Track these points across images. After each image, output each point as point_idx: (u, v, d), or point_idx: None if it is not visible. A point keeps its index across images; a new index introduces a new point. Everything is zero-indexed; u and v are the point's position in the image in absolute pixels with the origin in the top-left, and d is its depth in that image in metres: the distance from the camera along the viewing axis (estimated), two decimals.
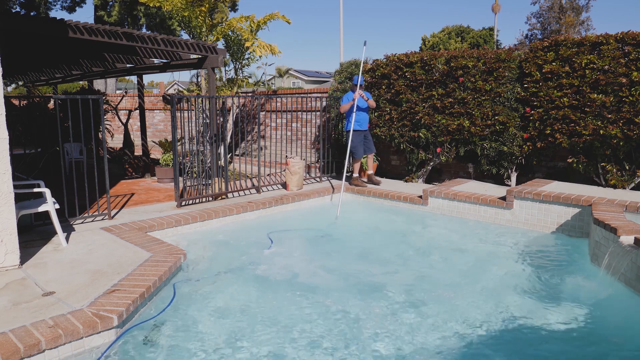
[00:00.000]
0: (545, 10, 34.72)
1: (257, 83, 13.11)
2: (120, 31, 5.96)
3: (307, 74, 51.77)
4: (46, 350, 2.81)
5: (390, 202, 7.25)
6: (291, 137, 11.24)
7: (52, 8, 22.60)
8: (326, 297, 3.99)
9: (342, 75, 9.34)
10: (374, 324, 3.50)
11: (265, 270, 4.63)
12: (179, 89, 30.30)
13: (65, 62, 9.65)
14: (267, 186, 7.79)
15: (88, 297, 3.39)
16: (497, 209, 6.23)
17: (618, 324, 3.68)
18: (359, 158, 7.80)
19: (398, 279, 4.47)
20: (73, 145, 9.16)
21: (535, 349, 3.23)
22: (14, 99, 9.04)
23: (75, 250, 4.48)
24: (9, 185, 3.89)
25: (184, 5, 9.88)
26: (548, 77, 6.79)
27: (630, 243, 4.09)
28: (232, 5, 20.96)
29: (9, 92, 26.95)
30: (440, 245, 5.56)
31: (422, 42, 44.93)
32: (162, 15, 20.21)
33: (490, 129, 7.31)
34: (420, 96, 7.95)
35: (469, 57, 7.48)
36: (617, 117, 6.17)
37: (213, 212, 5.97)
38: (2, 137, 3.82)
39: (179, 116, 6.58)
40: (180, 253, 4.40)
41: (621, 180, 6.38)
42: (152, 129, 14.89)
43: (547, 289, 4.22)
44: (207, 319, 3.55)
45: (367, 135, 7.76)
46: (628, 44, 6.16)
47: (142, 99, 9.90)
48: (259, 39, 10.20)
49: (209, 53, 7.16)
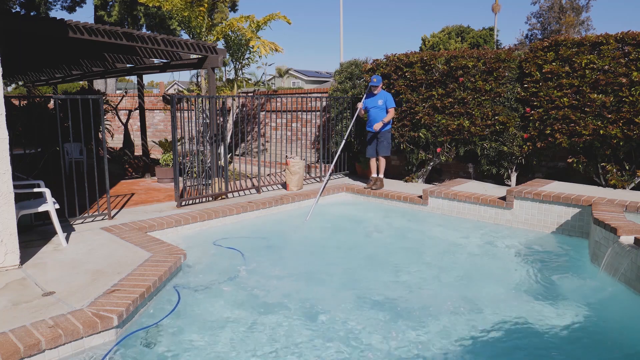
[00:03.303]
0: (545, 10, 34.76)
1: (257, 83, 13.12)
2: (120, 31, 5.96)
3: (307, 74, 51.77)
4: (46, 350, 2.81)
5: (390, 202, 7.25)
6: (291, 137, 11.25)
7: (52, 8, 22.62)
8: (330, 295, 4.00)
9: (342, 76, 9.33)
10: (373, 324, 3.50)
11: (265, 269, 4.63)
12: (179, 89, 30.30)
13: (65, 62, 9.66)
14: (267, 186, 7.78)
15: (88, 297, 3.39)
16: (497, 209, 6.23)
17: (618, 324, 3.68)
18: (367, 157, 7.80)
19: (398, 279, 4.47)
20: (73, 145, 9.16)
21: (535, 349, 3.23)
22: (14, 99, 9.04)
23: (75, 250, 4.48)
24: (9, 185, 3.89)
25: (184, 5, 9.89)
26: (548, 77, 6.79)
27: (630, 243, 4.09)
28: (232, 5, 20.96)
29: (9, 92, 26.95)
30: (440, 245, 5.56)
31: (422, 42, 44.90)
32: (162, 15, 20.21)
33: (490, 129, 7.31)
34: (420, 96, 7.95)
35: (469, 57, 7.48)
36: (617, 117, 6.17)
37: (213, 212, 5.97)
38: (2, 137, 3.82)
39: (179, 116, 6.58)
40: (180, 253, 4.40)
41: (621, 180, 6.38)
42: (152, 129, 14.89)
43: (547, 289, 4.22)
44: (208, 319, 3.55)
45: (380, 136, 7.43)
46: (628, 44, 6.16)
47: (142, 99, 9.90)
48: (261, 38, 10.21)
49: (209, 53, 7.16)
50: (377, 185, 7.58)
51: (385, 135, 7.43)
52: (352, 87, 9.15)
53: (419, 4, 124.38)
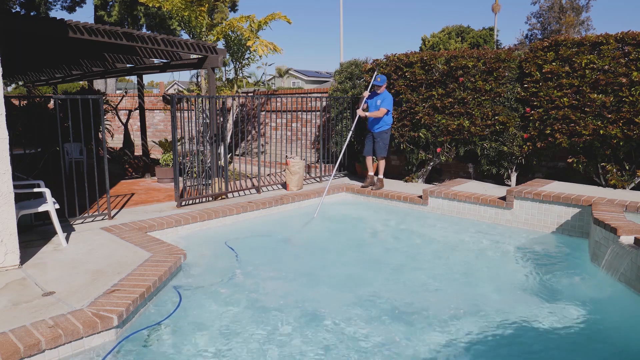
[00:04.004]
0: (545, 10, 34.76)
1: (257, 83, 13.11)
2: (120, 31, 5.96)
3: (307, 74, 51.77)
4: (46, 350, 2.81)
5: (390, 202, 7.25)
6: (291, 137, 11.25)
7: (52, 8, 22.61)
8: (328, 294, 4.00)
9: (342, 76, 9.33)
10: (373, 324, 3.50)
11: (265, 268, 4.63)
12: (179, 89, 30.30)
13: (65, 62, 9.66)
14: (267, 186, 7.78)
15: (88, 297, 3.39)
16: (497, 209, 6.23)
17: (618, 324, 3.68)
18: (365, 156, 7.81)
19: (397, 279, 4.47)
20: (73, 145, 9.16)
21: (534, 349, 3.23)
22: (14, 99, 9.04)
23: (75, 250, 4.48)
24: (9, 185, 3.89)
25: (184, 5, 9.88)
26: (548, 77, 6.79)
27: (630, 243, 4.09)
28: (232, 5, 20.97)
29: (9, 92, 26.95)
30: (440, 245, 5.56)
31: (422, 42, 44.91)
32: (162, 15, 20.21)
33: (490, 129, 7.31)
34: (420, 96, 7.95)
35: (469, 57, 7.48)
36: (617, 117, 6.17)
37: (213, 212, 5.97)
38: (2, 137, 3.82)
39: (179, 116, 6.58)
40: (180, 253, 4.39)
41: (621, 180, 6.38)
42: (152, 129, 14.89)
43: (547, 289, 4.22)
44: (208, 319, 3.55)
45: (376, 137, 7.45)
46: (628, 44, 6.16)
47: (142, 99, 9.90)
48: (260, 38, 10.20)
49: (209, 53, 7.16)
50: (378, 185, 7.58)
51: (381, 135, 7.44)
52: (352, 87, 9.15)
53: (419, 4, 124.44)
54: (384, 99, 7.37)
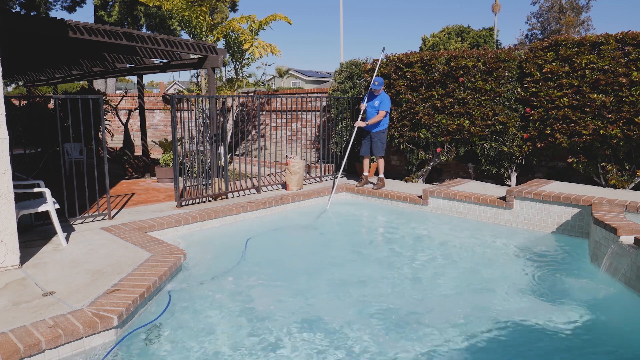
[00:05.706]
0: (545, 10, 34.74)
1: (257, 83, 13.12)
2: (120, 31, 5.96)
3: (307, 74, 51.78)
4: (46, 350, 2.81)
5: (390, 202, 7.25)
6: (291, 137, 11.25)
7: (52, 8, 22.61)
8: (323, 293, 4.00)
9: (342, 76, 9.33)
10: (372, 324, 3.51)
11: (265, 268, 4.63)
12: (179, 89, 30.30)
13: (65, 62, 9.65)
14: (267, 186, 7.78)
15: (88, 297, 3.39)
16: (497, 209, 6.23)
17: (618, 324, 3.68)
18: (361, 156, 7.82)
19: (397, 279, 4.47)
20: (73, 145, 9.16)
21: (534, 349, 3.23)
22: (14, 99, 9.04)
23: (75, 250, 4.48)
24: (9, 185, 3.89)
25: (184, 5, 9.88)
26: (548, 77, 6.79)
27: (630, 243, 4.09)
28: (232, 5, 20.96)
29: (9, 92, 26.96)
30: (440, 245, 5.56)
31: (422, 42, 44.92)
32: (162, 15, 20.22)
33: (490, 129, 7.31)
34: (420, 96, 7.95)
35: (469, 57, 7.48)
36: (617, 117, 6.17)
37: (213, 212, 5.97)
38: (2, 137, 3.82)
39: (179, 116, 6.58)
40: (180, 253, 4.40)
41: (621, 180, 6.38)
42: (152, 129, 14.89)
43: (547, 289, 4.22)
44: (208, 319, 3.55)
45: (374, 137, 7.48)
46: (628, 44, 6.16)
47: (142, 99, 9.90)
48: (258, 39, 10.20)
49: (209, 53, 7.16)
50: (379, 184, 7.59)
51: (378, 135, 7.48)
52: (352, 87, 9.15)
53: (419, 4, 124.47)
54: (382, 100, 7.41)
